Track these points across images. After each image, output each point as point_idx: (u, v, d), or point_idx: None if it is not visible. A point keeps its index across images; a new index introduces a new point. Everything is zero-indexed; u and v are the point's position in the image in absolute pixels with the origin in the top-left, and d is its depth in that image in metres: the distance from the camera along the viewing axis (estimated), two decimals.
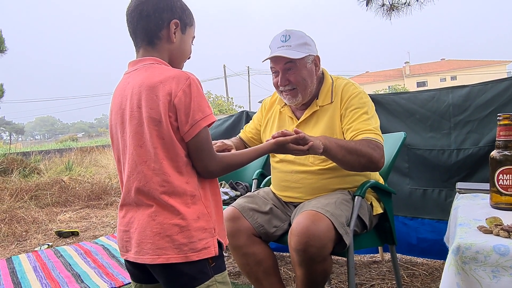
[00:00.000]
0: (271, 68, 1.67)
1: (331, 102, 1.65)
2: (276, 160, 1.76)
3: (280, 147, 1.20)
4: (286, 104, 1.74)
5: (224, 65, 28.98)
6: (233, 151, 1.53)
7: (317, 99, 1.68)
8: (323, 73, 1.73)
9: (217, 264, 1.00)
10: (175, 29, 1.04)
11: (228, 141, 1.67)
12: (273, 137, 1.21)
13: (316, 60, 1.66)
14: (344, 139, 1.58)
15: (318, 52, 1.67)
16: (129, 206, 1.03)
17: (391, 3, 4.86)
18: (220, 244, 1.02)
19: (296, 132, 1.23)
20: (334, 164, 1.57)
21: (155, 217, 0.96)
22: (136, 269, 1.06)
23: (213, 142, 1.54)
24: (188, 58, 1.14)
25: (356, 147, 1.46)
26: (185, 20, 1.07)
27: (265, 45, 1.68)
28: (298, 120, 1.71)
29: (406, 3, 4.82)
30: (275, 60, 1.62)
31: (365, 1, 4.83)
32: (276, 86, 1.67)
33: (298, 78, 1.60)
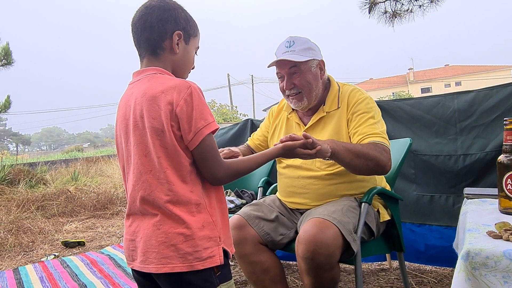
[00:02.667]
0: (277, 74, 1.70)
1: (338, 107, 1.66)
2: (282, 165, 1.76)
3: (288, 152, 1.20)
4: (293, 110, 1.77)
5: (228, 74, 29.14)
6: (240, 157, 1.53)
7: (323, 105, 1.69)
8: (329, 80, 1.75)
9: (222, 273, 0.99)
10: (178, 40, 1.05)
11: (235, 148, 1.69)
12: (281, 141, 1.22)
13: (321, 64, 1.68)
14: (351, 143, 1.59)
15: (322, 57, 1.70)
16: (135, 216, 1.03)
17: (393, 10, 4.88)
18: (226, 253, 1.01)
19: (305, 137, 1.23)
20: (341, 169, 1.57)
21: (160, 226, 0.96)
22: (143, 278, 1.06)
23: (220, 149, 1.55)
24: (192, 68, 1.14)
25: (363, 151, 1.46)
26: (189, 31, 1.08)
27: (269, 54, 1.70)
28: (305, 126, 1.72)
29: (409, 10, 4.84)
30: (280, 65, 1.65)
31: (368, 9, 4.86)
32: (283, 90, 1.70)
33: (303, 81, 1.63)
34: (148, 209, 0.98)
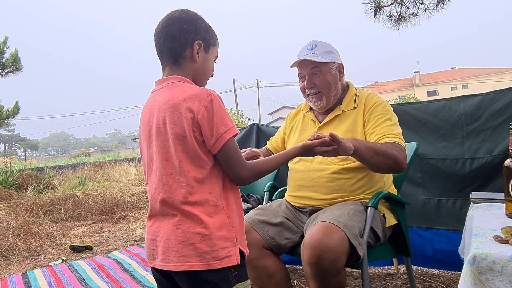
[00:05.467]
0: (298, 74, 1.79)
1: (354, 107, 1.73)
2: (294, 161, 1.80)
3: (307, 150, 1.23)
4: (310, 109, 1.86)
5: (233, 78, 29.24)
6: (261, 157, 1.56)
7: (340, 104, 1.77)
8: (347, 84, 1.83)
9: (239, 273, 1.02)
10: (198, 49, 1.10)
11: (256, 149, 1.75)
12: (309, 140, 1.25)
13: (340, 68, 1.77)
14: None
15: (342, 61, 1.79)
16: (156, 217, 1.08)
17: (399, 14, 4.87)
18: (242, 253, 1.04)
19: (331, 135, 1.27)
20: (352, 164, 1.62)
21: (179, 226, 1.00)
22: (163, 277, 1.10)
23: (242, 150, 1.62)
24: (211, 76, 1.19)
25: (382, 149, 1.52)
26: (209, 40, 1.13)
27: (274, 57, 1.73)
28: (320, 123, 1.78)
29: (414, 13, 4.82)
30: (302, 65, 1.74)
31: (373, 12, 4.85)
32: (303, 90, 1.78)
33: (323, 81, 1.71)
34: (168, 210, 1.03)
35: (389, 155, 1.52)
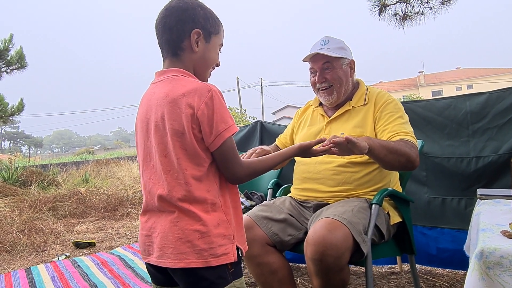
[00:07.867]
0: (310, 69, 1.81)
1: (364, 104, 1.74)
2: None
3: (304, 151, 1.22)
4: (319, 104, 1.87)
5: (237, 77, 29.23)
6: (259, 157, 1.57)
7: (350, 100, 1.78)
8: (358, 82, 1.85)
9: (235, 270, 1.01)
10: (197, 38, 1.06)
11: (266, 147, 1.76)
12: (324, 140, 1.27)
13: (351, 64, 1.79)
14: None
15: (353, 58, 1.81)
16: (152, 212, 1.06)
17: (404, 13, 4.84)
18: (238, 250, 1.03)
19: (347, 139, 1.28)
20: (360, 159, 1.62)
21: (177, 223, 0.99)
22: (158, 272, 1.09)
23: (254, 148, 1.66)
24: (217, 66, 1.15)
25: (396, 147, 1.53)
26: (209, 29, 1.08)
27: (277, 57, 1.68)
28: (329, 118, 1.79)
29: (419, 12, 4.78)
30: (314, 60, 1.76)
31: (378, 11, 4.82)
32: (314, 84, 1.80)
33: (334, 76, 1.73)
34: (166, 207, 1.01)
35: (402, 153, 1.53)
